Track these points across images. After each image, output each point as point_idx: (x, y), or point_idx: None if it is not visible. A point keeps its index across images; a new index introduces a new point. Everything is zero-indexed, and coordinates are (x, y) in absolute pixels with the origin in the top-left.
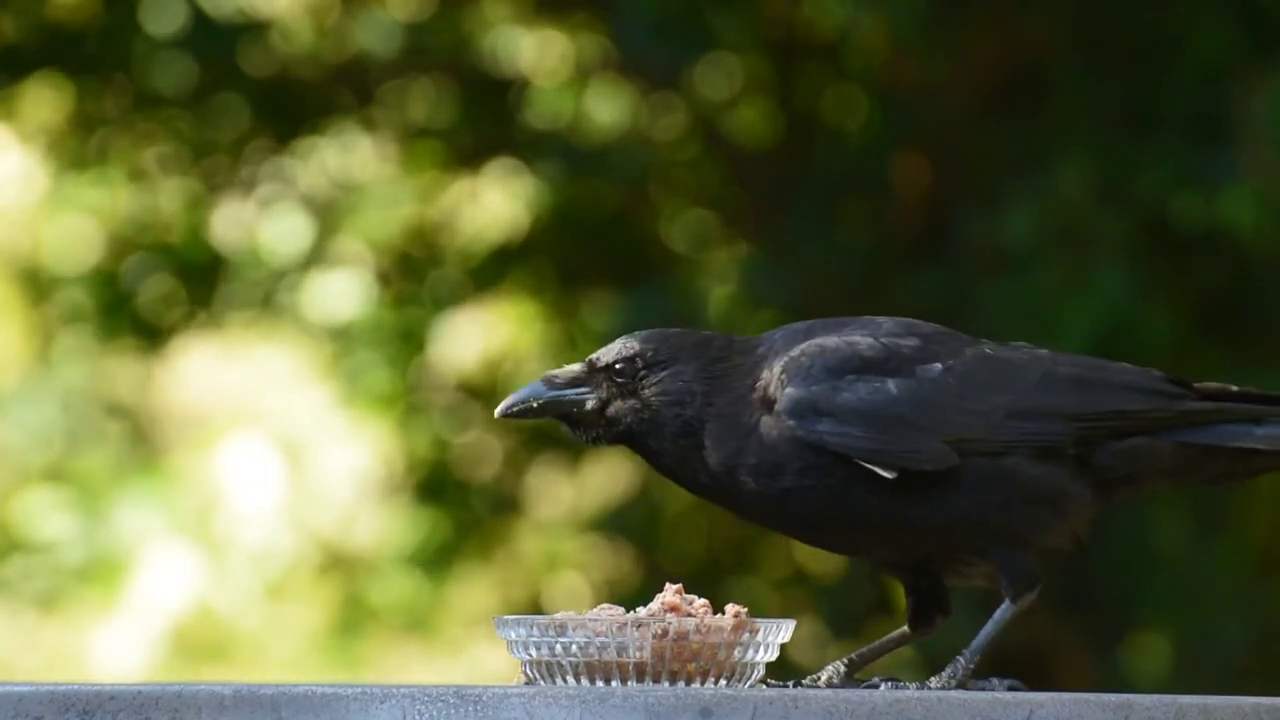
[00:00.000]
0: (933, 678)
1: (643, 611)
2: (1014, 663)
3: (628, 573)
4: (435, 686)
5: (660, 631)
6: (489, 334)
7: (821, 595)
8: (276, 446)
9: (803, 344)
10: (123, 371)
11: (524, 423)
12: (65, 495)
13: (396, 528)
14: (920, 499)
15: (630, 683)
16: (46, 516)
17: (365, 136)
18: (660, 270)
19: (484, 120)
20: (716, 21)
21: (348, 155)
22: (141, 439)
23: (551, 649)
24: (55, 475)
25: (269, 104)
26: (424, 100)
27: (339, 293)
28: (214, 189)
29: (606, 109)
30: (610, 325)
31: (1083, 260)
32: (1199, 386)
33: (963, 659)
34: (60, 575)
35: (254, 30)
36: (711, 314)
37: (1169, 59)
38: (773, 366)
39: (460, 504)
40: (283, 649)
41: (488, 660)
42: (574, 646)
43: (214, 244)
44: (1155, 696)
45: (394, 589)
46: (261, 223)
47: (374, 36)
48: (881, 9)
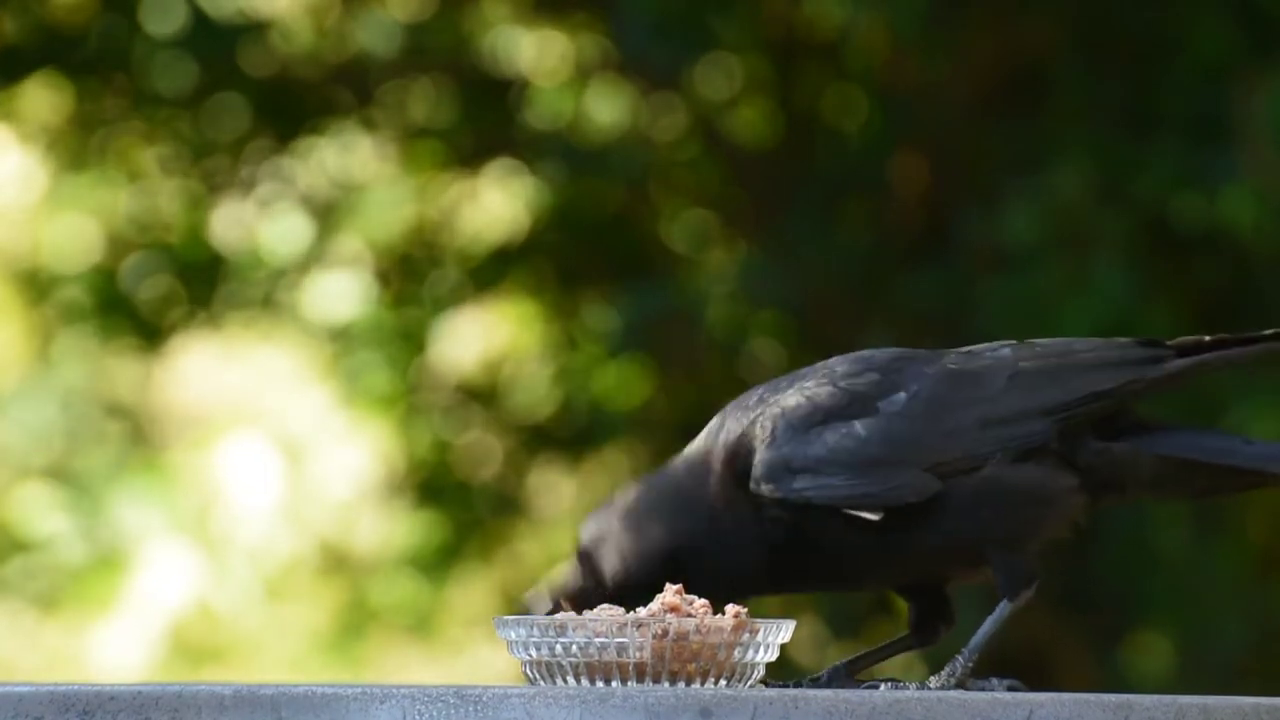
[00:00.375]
0: (932, 678)
1: (643, 612)
2: (1014, 663)
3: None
4: (435, 687)
5: (660, 632)
6: (489, 334)
7: (822, 596)
8: (276, 447)
9: (755, 411)
10: (123, 371)
11: (524, 422)
12: (65, 495)
13: (397, 528)
14: (912, 529)
15: (630, 683)
16: (46, 516)
17: (365, 136)
18: (660, 270)
19: (484, 120)
20: (716, 21)
21: (348, 155)
22: (141, 438)
23: (551, 649)
24: (55, 474)
25: (269, 104)
26: (424, 100)
27: (339, 293)
28: (214, 189)
29: (606, 109)
30: (610, 325)
31: (1083, 260)
32: (1174, 342)
33: (961, 658)
34: (60, 575)
35: (254, 30)
36: (712, 314)
37: (1169, 59)
38: (730, 446)
39: (461, 505)
40: (283, 649)
41: (488, 660)
42: (574, 647)
43: (214, 244)
44: (1155, 696)
45: (394, 589)
46: (261, 223)
47: (374, 36)
48: (881, 9)
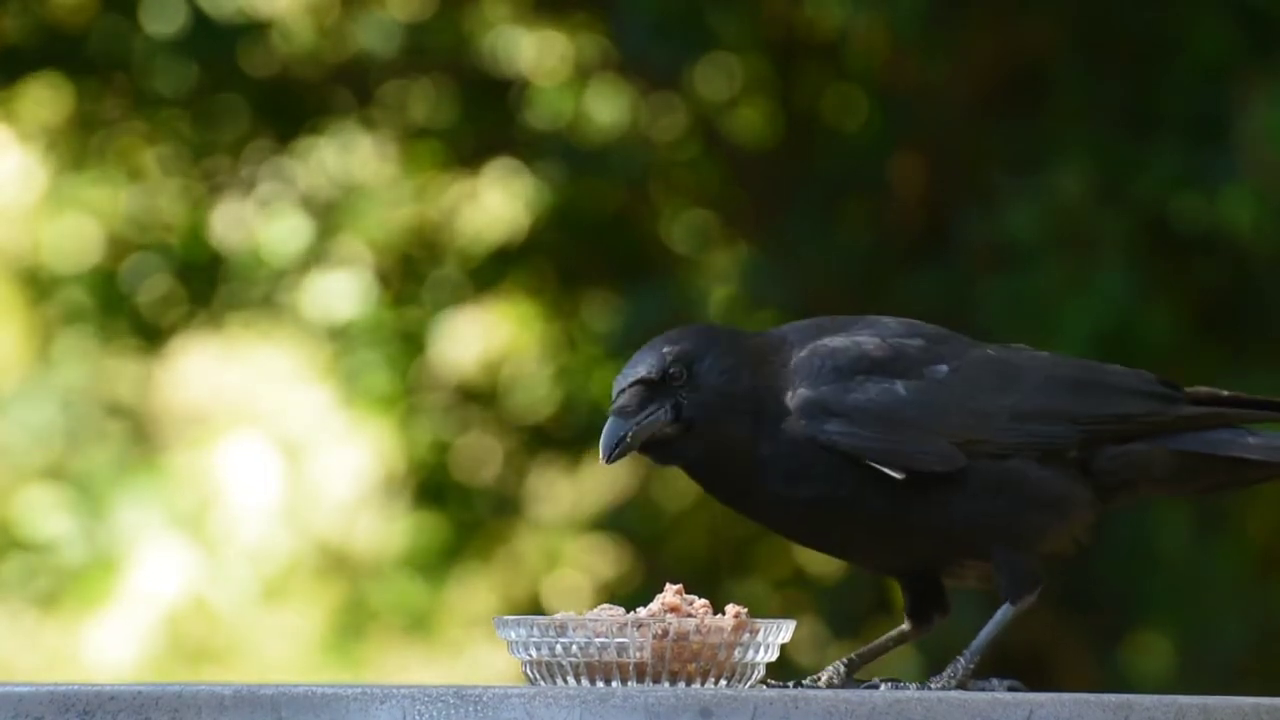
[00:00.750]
0: (933, 678)
1: (643, 612)
2: (1014, 663)
3: (628, 573)
4: (435, 687)
5: (660, 632)
6: (489, 334)
7: (821, 595)
8: (276, 447)
9: (811, 344)
10: (123, 371)
11: (523, 423)
12: (65, 494)
13: (397, 529)
14: (927, 501)
15: (630, 683)
16: (46, 515)
17: (365, 136)
18: (660, 270)
19: (484, 120)
20: (716, 21)
21: (348, 155)
22: (141, 438)
23: (551, 649)
24: (55, 474)
25: (269, 104)
26: (424, 100)
27: (339, 293)
28: (214, 189)
29: (606, 109)
30: (610, 325)
31: (1083, 260)
32: (1189, 391)
33: (962, 659)
34: (60, 574)
35: (254, 30)
36: (711, 314)
37: (1169, 59)
38: (788, 365)
39: (460, 505)
40: (283, 649)
41: (488, 660)
42: (574, 647)
43: (214, 244)
44: (1155, 697)
45: (394, 590)
46: (261, 223)
47: (374, 36)
48: (881, 9)
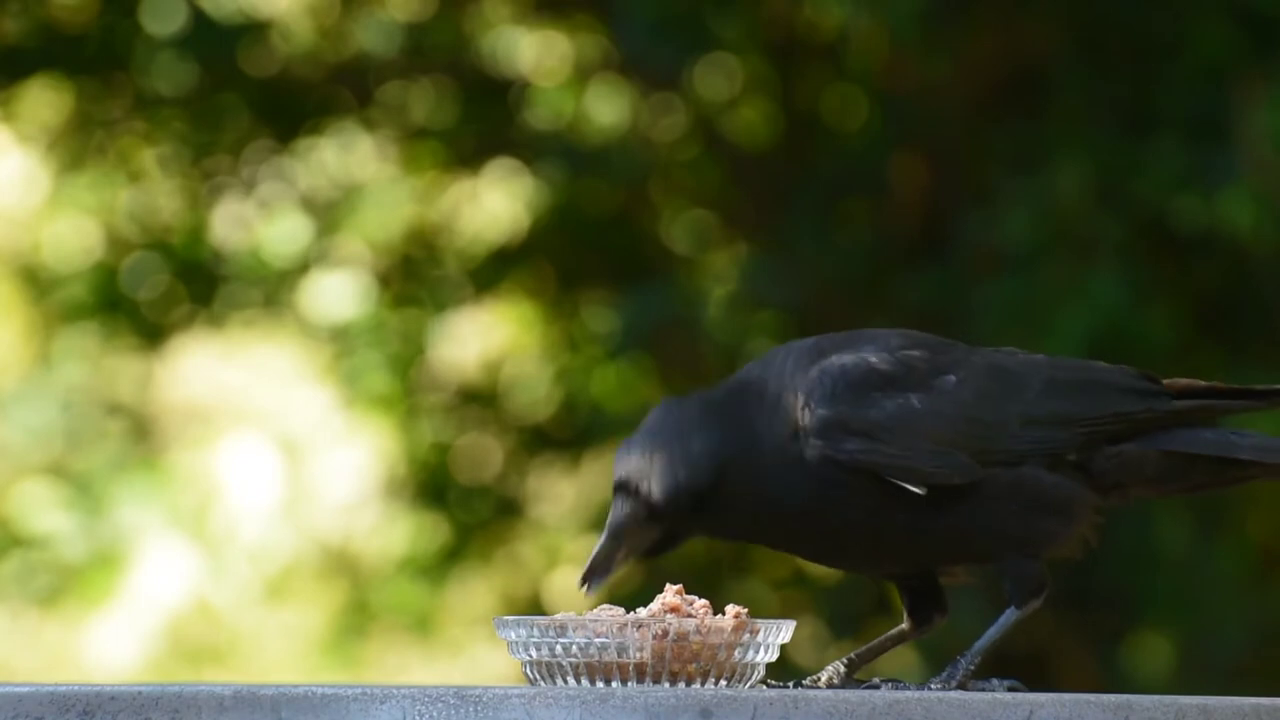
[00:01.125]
0: (933, 679)
1: (643, 612)
2: (1014, 663)
3: (628, 573)
4: (435, 687)
5: (660, 632)
6: (489, 335)
7: (821, 596)
8: (276, 447)
9: (820, 364)
10: (123, 370)
11: (524, 423)
12: (65, 494)
13: (397, 529)
14: (944, 513)
15: (630, 683)
16: (46, 515)
17: (365, 136)
18: (660, 270)
19: (484, 120)
20: (716, 22)
21: (348, 155)
22: (141, 438)
23: (551, 649)
24: (55, 473)
25: (269, 104)
26: (424, 100)
27: (339, 293)
28: (214, 189)
29: (606, 109)
30: (610, 326)
31: (1082, 261)
32: (1167, 383)
33: (963, 660)
34: (60, 573)
35: (254, 30)
36: (711, 314)
37: (1169, 59)
38: (793, 391)
39: (461, 505)
40: (283, 649)
41: (488, 660)
42: (574, 647)
43: (214, 244)
44: (1155, 697)
45: (394, 590)
46: (261, 223)
47: (374, 36)
48: (881, 9)
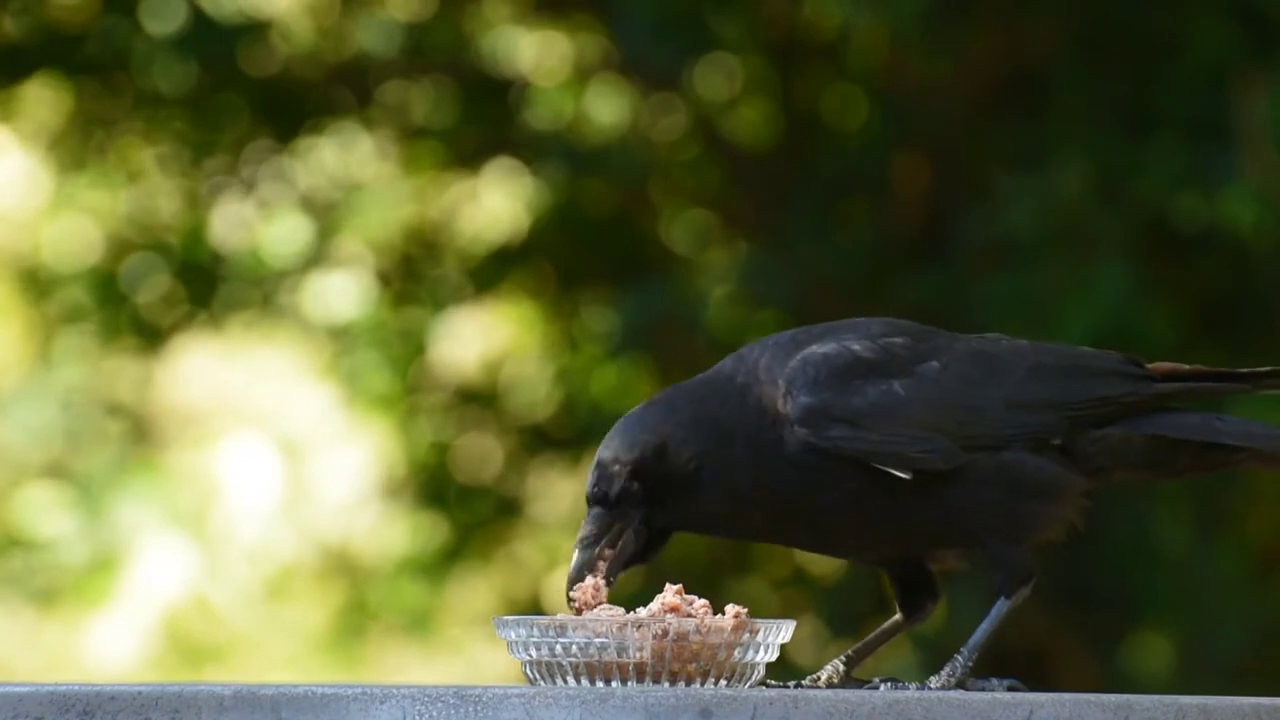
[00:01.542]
0: (932, 678)
1: (643, 612)
2: (1014, 663)
3: (628, 573)
4: (435, 687)
5: (660, 632)
6: (489, 335)
7: (821, 595)
8: (276, 447)
9: (801, 353)
10: (123, 371)
11: (524, 423)
12: (65, 494)
13: (397, 529)
14: (930, 498)
15: (630, 683)
16: (46, 515)
17: (365, 136)
18: (660, 270)
19: (484, 120)
20: (716, 22)
21: (348, 155)
22: (141, 438)
23: (551, 649)
24: (55, 474)
25: (269, 104)
26: (424, 100)
27: (339, 293)
28: (214, 189)
29: (606, 109)
30: (610, 325)
31: (1082, 260)
32: (1152, 367)
33: (960, 657)
34: (60, 573)
35: (254, 30)
36: (711, 314)
37: (1169, 59)
38: (772, 381)
39: (460, 505)
40: (283, 649)
41: (488, 660)
42: (574, 647)
43: (214, 244)
44: (1155, 697)
45: (394, 590)
46: (261, 223)
47: (374, 36)
48: (881, 9)
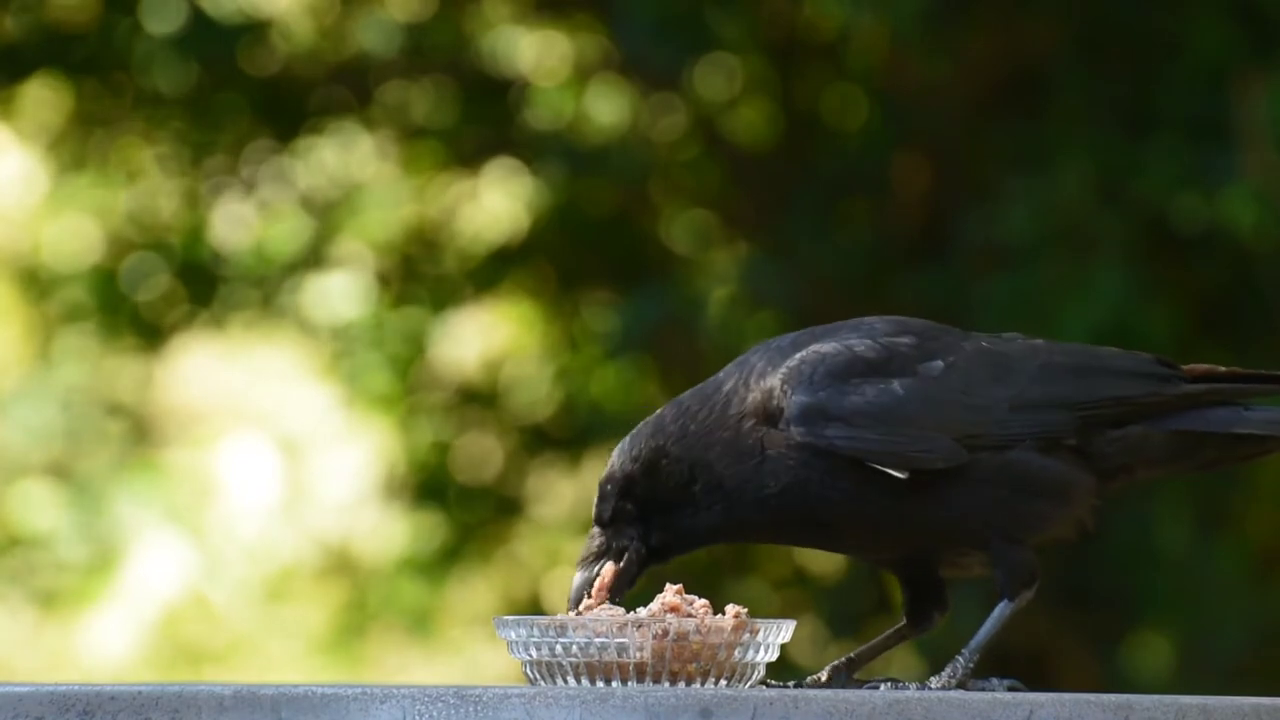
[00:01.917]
0: (933, 678)
1: (643, 612)
2: (1014, 663)
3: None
4: (435, 687)
5: (660, 632)
6: (489, 335)
7: (821, 595)
8: (276, 447)
9: (799, 353)
10: (123, 371)
11: (524, 423)
12: (65, 493)
13: (397, 529)
14: (931, 497)
15: (630, 683)
16: (46, 514)
17: (365, 136)
18: (660, 271)
19: (484, 120)
20: (716, 22)
21: (348, 155)
22: (141, 438)
23: (551, 649)
24: (55, 473)
25: (269, 104)
26: (424, 100)
27: (339, 293)
28: (214, 189)
29: (606, 109)
30: (610, 326)
31: (1082, 260)
32: (1187, 369)
33: (962, 658)
34: (60, 572)
35: (254, 30)
36: (712, 314)
37: (1169, 59)
38: (766, 382)
39: (460, 505)
40: (283, 649)
41: (488, 660)
42: (574, 647)
43: (214, 244)
44: (1155, 697)
45: (394, 590)
46: (261, 223)
47: (374, 36)
48: (881, 9)
